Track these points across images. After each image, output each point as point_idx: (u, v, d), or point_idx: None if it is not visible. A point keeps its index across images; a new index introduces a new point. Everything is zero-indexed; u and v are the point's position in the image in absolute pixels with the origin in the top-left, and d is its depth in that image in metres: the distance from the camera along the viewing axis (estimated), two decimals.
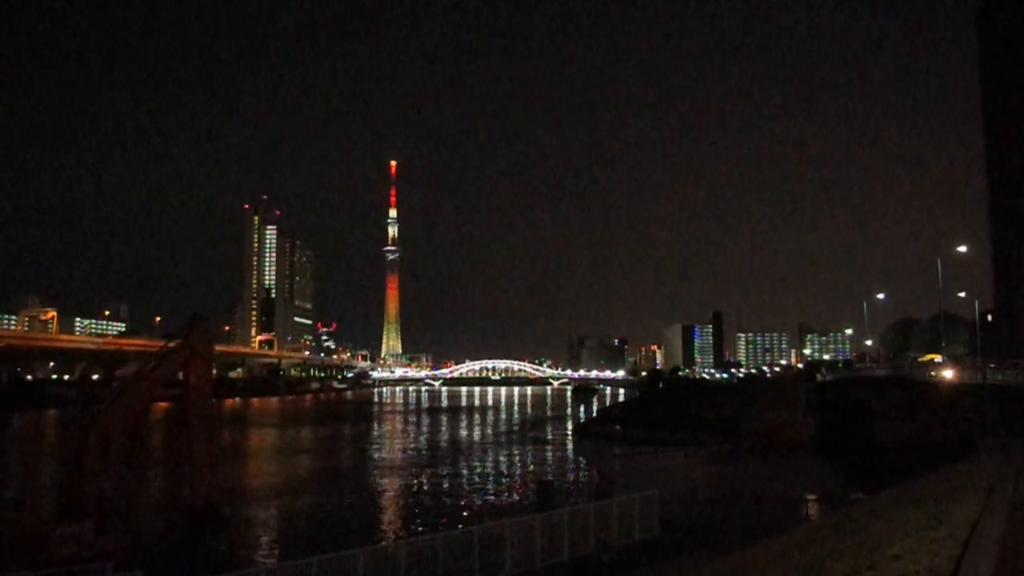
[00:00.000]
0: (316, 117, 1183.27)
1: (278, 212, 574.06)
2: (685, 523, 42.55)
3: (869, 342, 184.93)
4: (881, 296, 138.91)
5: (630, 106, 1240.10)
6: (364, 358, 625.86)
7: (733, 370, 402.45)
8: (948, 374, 77.56)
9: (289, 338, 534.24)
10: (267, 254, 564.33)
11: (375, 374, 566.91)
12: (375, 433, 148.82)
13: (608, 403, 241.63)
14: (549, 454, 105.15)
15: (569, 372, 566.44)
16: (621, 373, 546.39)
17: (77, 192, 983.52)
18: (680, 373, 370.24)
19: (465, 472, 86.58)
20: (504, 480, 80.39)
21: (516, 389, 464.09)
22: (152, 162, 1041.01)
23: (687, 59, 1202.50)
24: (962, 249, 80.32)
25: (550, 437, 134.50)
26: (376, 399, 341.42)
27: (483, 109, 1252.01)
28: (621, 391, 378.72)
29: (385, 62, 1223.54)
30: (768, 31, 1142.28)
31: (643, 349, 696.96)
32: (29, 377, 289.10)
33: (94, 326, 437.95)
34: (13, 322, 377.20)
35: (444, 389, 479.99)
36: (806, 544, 20.02)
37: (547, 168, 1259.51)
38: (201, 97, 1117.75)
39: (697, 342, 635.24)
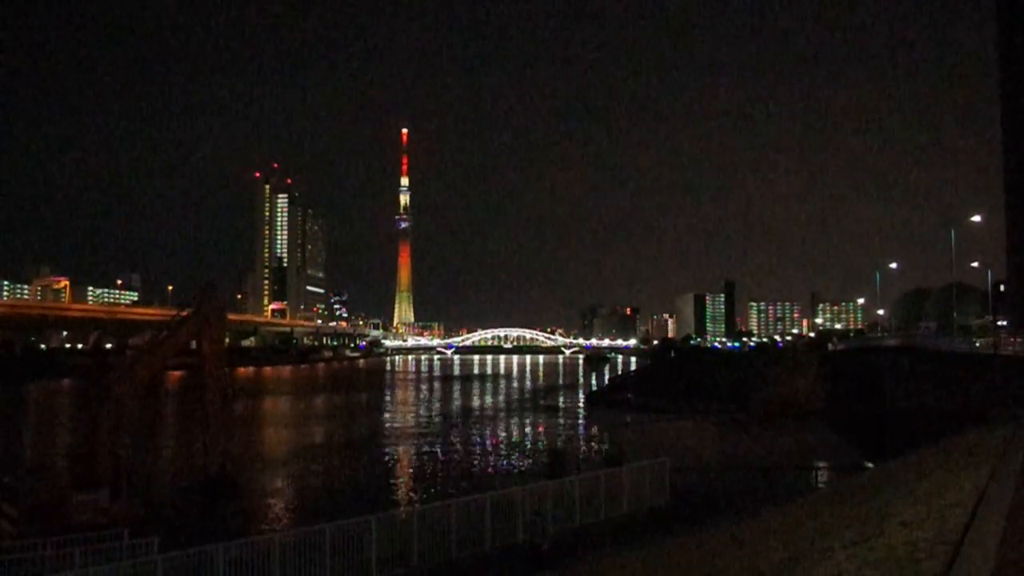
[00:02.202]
0: (327, 85, 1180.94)
1: (289, 180, 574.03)
2: (696, 491, 42.76)
3: (881, 312, 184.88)
4: (894, 266, 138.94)
5: (645, 73, 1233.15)
6: (376, 327, 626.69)
7: (745, 339, 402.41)
8: None
9: (301, 307, 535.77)
10: (279, 223, 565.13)
11: (388, 342, 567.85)
12: (388, 401, 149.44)
13: (620, 372, 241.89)
14: (561, 422, 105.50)
15: (581, 341, 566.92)
16: (633, 342, 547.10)
17: (88, 161, 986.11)
18: (692, 342, 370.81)
19: (477, 440, 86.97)
20: (516, 448, 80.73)
21: (528, 358, 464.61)
22: (162, 131, 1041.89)
23: (701, 27, 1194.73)
24: (976, 219, 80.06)
25: (562, 405, 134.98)
26: (389, 367, 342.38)
27: (493, 76, 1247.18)
28: (633, 360, 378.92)
29: (396, 28, 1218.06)
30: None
31: (655, 318, 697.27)
32: (43, 346, 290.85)
33: (106, 295, 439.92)
34: (26, 291, 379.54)
35: (457, 357, 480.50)
36: (815, 511, 20.14)
37: (560, 137, 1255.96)
38: (212, 65, 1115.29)
39: (709, 311, 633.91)
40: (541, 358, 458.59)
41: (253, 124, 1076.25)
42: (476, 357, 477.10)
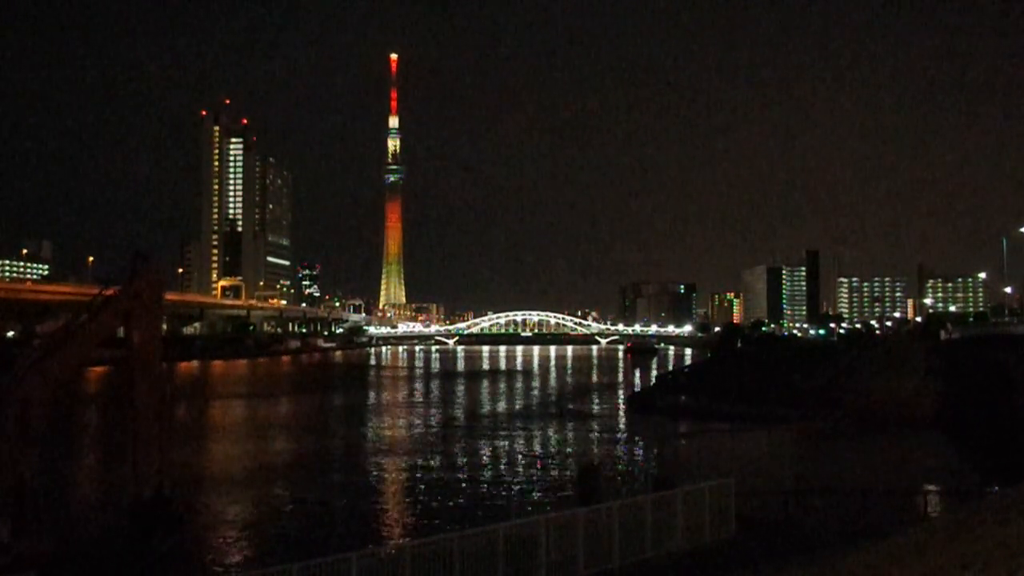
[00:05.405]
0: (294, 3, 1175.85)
1: (244, 121, 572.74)
2: (769, 521, 42.74)
3: (1009, 290, 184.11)
4: None
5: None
6: (358, 309, 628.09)
7: (832, 325, 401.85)
8: None
9: (260, 283, 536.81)
10: (231, 175, 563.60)
11: (372, 330, 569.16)
12: (373, 405, 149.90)
13: (671, 367, 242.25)
14: (595, 432, 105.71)
15: (621, 327, 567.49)
16: (687, 329, 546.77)
17: None
18: (764, 329, 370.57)
19: (487, 455, 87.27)
20: (537, 466, 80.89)
21: (553, 349, 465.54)
22: (80, 57, 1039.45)
23: None
24: None
25: (596, 411, 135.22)
26: (373, 361, 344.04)
27: None
28: (687, 352, 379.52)
29: None
30: None
31: (716, 298, 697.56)
32: None
33: (8, 268, 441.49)
34: None
35: (460, 348, 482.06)
36: (924, 549, 20.09)
37: (592, 68, 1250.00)
38: None
39: (786, 289, 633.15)
40: (569, 349, 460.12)
41: (198, 46, 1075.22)
42: (486, 348, 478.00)
